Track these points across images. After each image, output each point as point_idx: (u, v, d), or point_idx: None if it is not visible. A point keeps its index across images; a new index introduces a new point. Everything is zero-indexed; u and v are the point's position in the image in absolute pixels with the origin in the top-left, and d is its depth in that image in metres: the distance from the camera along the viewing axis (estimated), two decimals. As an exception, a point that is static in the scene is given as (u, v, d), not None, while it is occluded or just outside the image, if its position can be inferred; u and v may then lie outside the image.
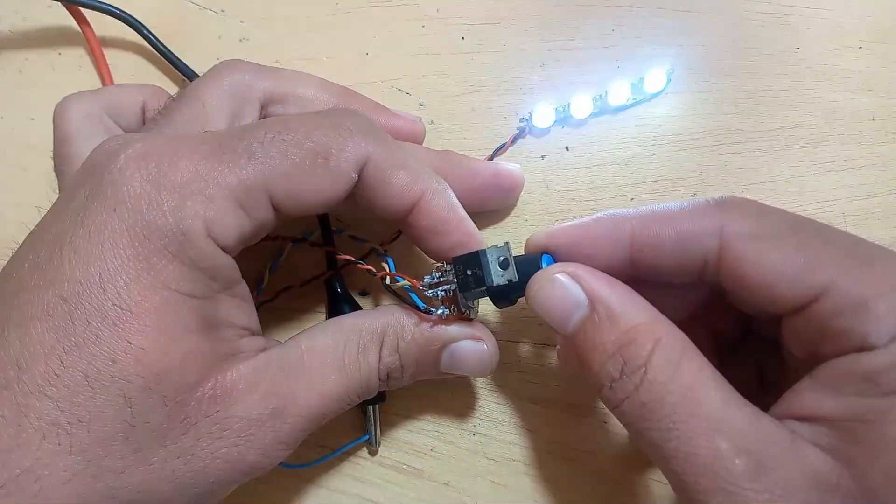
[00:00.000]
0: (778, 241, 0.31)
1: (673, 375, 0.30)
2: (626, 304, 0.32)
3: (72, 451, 0.29)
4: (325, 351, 0.36)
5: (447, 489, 0.44)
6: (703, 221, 0.32)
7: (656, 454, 0.31)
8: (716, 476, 0.28)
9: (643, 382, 0.30)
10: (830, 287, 0.29)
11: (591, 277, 0.33)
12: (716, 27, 0.50)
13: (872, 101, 0.48)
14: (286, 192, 0.34)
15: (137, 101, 0.46)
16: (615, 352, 0.31)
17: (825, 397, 0.29)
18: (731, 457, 0.28)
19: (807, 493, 0.27)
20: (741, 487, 0.27)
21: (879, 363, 0.28)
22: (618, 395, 0.31)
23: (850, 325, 0.28)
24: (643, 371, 0.30)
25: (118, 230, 0.31)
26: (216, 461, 0.32)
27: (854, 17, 0.50)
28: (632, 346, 0.31)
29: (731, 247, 0.32)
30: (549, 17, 0.51)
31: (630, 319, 0.32)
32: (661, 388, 0.30)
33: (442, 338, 0.38)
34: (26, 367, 0.29)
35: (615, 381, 0.31)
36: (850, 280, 0.29)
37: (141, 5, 0.51)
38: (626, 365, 0.31)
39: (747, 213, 0.32)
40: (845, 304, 0.29)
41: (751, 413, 0.29)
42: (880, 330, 0.28)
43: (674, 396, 0.30)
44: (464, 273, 0.36)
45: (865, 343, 0.28)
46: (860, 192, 0.46)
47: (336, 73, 0.48)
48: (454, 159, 0.44)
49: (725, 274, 0.32)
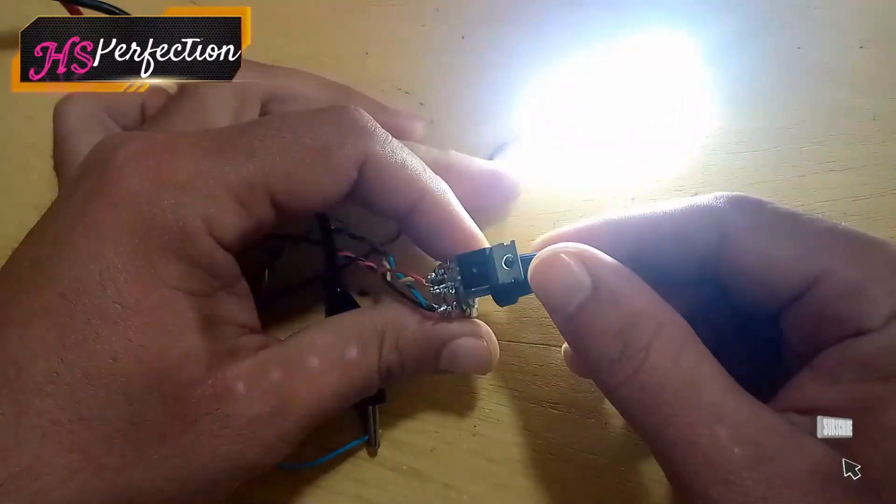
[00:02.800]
0: (774, 232, 0.31)
1: (675, 362, 0.30)
2: (630, 288, 0.32)
3: (72, 449, 0.29)
4: (325, 348, 0.36)
5: (447, 489, 0.44)
6: (703, 217, 0.33)
7: (654, 441, 0.30)
8: (715, 465, 0.28)
9: (643, 366, 0.30)
10: (825, 273, 0.29)
11: (596, 260, 0.33)
12: (716, 27, 0.50)
13: (873, 101, 0.48)
14: (286, 190, 0.34)
15: (136, 101, 0.46)
16: (616, 334, 0.31)
17: (824, 387, 0.29)
18: (731, 446, 0.28)
19: (807, 483, 0.27)
20: (740, 477, 0.27)
21: (875, 347, 0.28)
22: (615, 377, 0.31)
23: (845, 309, 0.29)
24: (644, 354, 0.30)
25: (118, 227, 0.31)
26: (217, 459, 0.32)
27: (854, 16, 0.50)
28: (634, 330, 0.31)
29: (730, 239, 0.32)
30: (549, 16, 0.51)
31: (634, 303, 0.32)
32: (662, 374, 0.30)
33: (442, 335, 0.38)
34: (26, 364, 0.29)
35: (614, 362, 0.31)
36: (844, 266, 0.29)
37: (141, 5, 0.50)
38: (626, 346, 0.31)
39: (745, 207, 0.32)
40: (840, 289, 0.29)
41: (751, 403, 0.29)
42: (875, 313, 0.28)
43: (675, 382, 0.29)
44: (469, 270, 0.36)
45: (861, 327, 0.28)
46: (862, 192, 0.46)
47: (336, 72, 0.48)
48: (454, 159, 0.44)
49: (725, 266, 0.32)
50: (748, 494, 0.27)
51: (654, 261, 0.34)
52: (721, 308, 0.38)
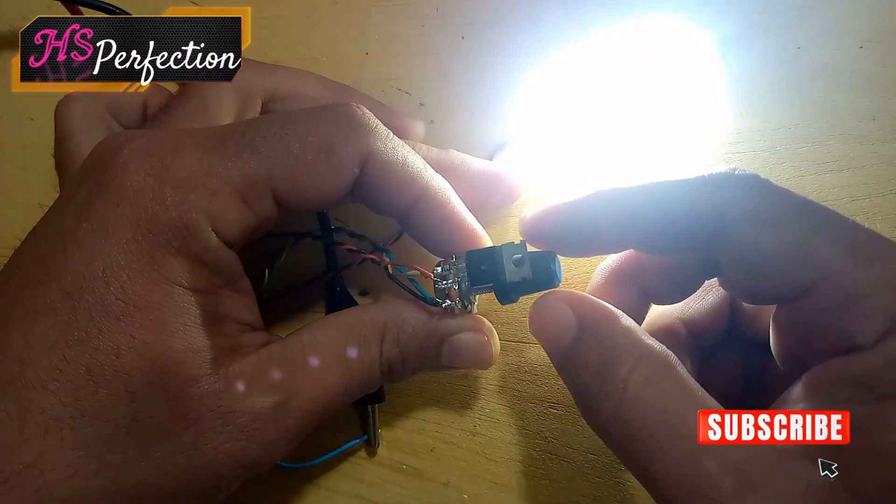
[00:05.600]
0: (777, 228, 0.30)
1: (655, 394, 0.30)
2: (611, 325, 0.33)
3: (75, 445, 0.29)
4: (327, 345, 0.36)
5: (447, 489, 0.44)
6: (704, 203, 0.31)
7: (642, 475, 0.30)
8: (704, 497, 0.27)
9: (623, 401, 0.30)
10: (823, 282, 0.28)
11: (582, 302, 0.34)
12: (716, 27, 0.50)
13: (873, 101, 0.48)
14: (289, 187, 0.34)
15: (138, 100, 0.46)
16: (596, 371, 0.32)
17: (816, 405, 0.29)
18: (719, 476, 0.28)
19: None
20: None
21: (869, 365, 0.27)
22: (600, 415, 0.31)
23: (838, 322, 0.28)
24: (623, 387, 0.30)
25: (121, 224, 0.31)
26: (220, 456, 0.32)
27: (854, 16, 0.50)
28: (610, 366, 0.31)
29: (731, 230, 0.30)
30: (548, 17, 0.51)
31: (614, 339, 0.32)
32: (642, 408, 0.30)
33: (443, 331, 0.38)
34: (29, 361, 0.29)
35: (595, 399, 0.31)
36: (842, 276, 0.28)
37: (141, 5, 0.51)
38: (604, 382, 0.31)
39: (749, 193, 0.31)
40: (836, 300, 0.28)
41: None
42: (868, 329, 0.27)
43: (656, 415, 0.29)
44: (477, 267, 0.37)
45: (854, 342, 0.27)
46: (861, 192, 0.46)
47: (336, 72, 0.48)
48: (455, 159, 0.44)
49: (723, 254, 0.32)
50: None
51: (648, 240, 0.34)
52: (713, 301, 0.38)
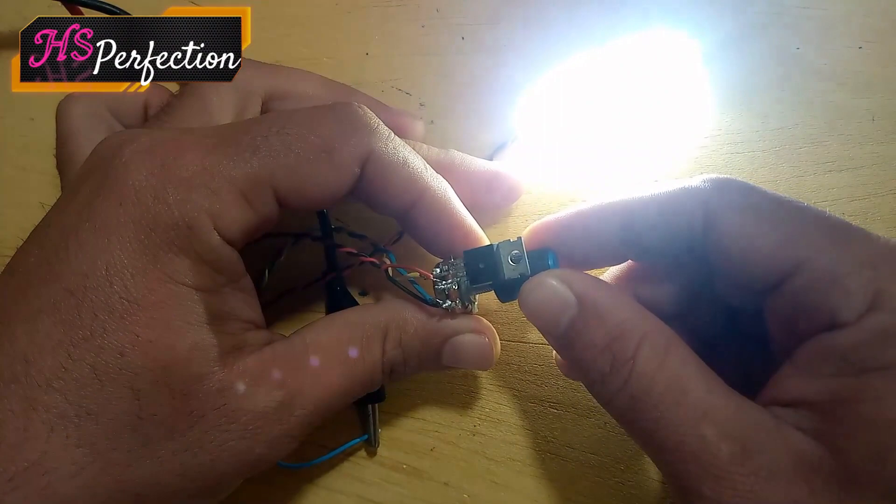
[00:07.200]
0: (758, 216, 0.31)
1: (659, 367, 0.31)
2: (613, 303, 0.33)
3: (80, 444, 0.29)
4: (330, 345, 0.36)
5: (447, 489, 0.44)
6: (690, 198, 0.33)
7: (647, 445, 0.32)
8: (704, 463, 0.29)
9: (632, 375, 0.31)
10: (804, 263, 0.30)
11: (579, 279, 0.34)
12: (716, 27, 0.50)
13: (872, 101, 0.48)
14: (290, 186, 0.34)
15: (139, 100, 0.46)
16: (604, 347, 0.32)
17: (804, 381, 0.30)
18: (717, 443, 0.29)
19: (791, 474, 0.28)
20: (729, 472, 0.28)
21: (851, 340, 0.28)
22: (609, 389, 0.32)
23: (821, 301, 0.29)
24: (631, 363, 0.31)
25: (124, 223, 0.31)
26: (224, 454, 0.32)
27: (854, 17, 0.50)
28: (620, 341, 0.32)
29: (715, 219, 0.32)
30: (548, 17, 0.51)
31: (618, 316, 0.32)
32: (648, 380, 0.30)
33: (444, 331, 0.39)
34: (34, 360, 0.29)
35: (606, 375, 0.32)
36: (823, 255, 0.29)
37: (141, 5, 0.51)
38: (615, 359, 0.31)
39: (732, 189, 0.33)
40: (818, 279, 0.29)
41: (735, 400, 0.30)
42: (850, 305, 0.28)
43: (660, 387, 0.30)
44: (475, 266, 0.37)
45: (836, 319, 0.29)
46: (860, 192, 0.46)
47: (336, 73, 0.48)
48: (455, 158, 0.44)
49: (711, 248, 0.33)
50: (737, 489, 0.28)
51: (643, 242, 0.35)
52: (710, 303, 0.38)
